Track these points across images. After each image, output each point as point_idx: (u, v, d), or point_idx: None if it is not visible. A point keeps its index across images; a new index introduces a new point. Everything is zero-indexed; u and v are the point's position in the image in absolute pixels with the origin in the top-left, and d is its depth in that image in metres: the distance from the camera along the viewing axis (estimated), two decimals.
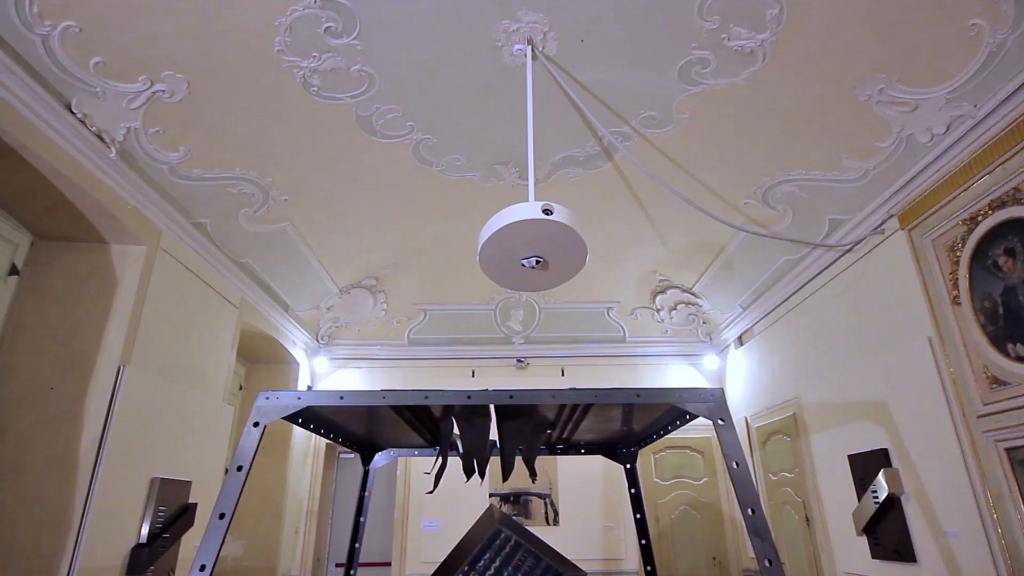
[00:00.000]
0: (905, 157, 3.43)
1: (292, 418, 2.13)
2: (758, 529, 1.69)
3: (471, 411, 2.17)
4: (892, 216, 3.70)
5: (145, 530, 3.65)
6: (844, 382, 4.32)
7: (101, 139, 3.16)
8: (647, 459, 6.53)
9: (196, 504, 4.16)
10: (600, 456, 6.77)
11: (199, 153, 3.60)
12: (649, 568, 3.24)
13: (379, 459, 3.40)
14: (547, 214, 2.50)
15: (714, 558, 6.23)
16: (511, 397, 1.89)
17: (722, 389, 1.79)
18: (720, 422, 1.84)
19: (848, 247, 4.03)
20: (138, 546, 3.59)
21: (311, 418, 2.23)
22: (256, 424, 1.83)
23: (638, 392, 1.89)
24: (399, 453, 3.40)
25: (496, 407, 2.11)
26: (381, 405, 1.92)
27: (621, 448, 3.38)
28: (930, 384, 3.41)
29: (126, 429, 3.53)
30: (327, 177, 4.18)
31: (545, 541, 2.49)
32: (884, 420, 3.83)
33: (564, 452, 3.40)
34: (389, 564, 6.34)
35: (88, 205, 3.31)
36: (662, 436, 2.80)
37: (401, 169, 4.21)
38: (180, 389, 4.12)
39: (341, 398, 1.88)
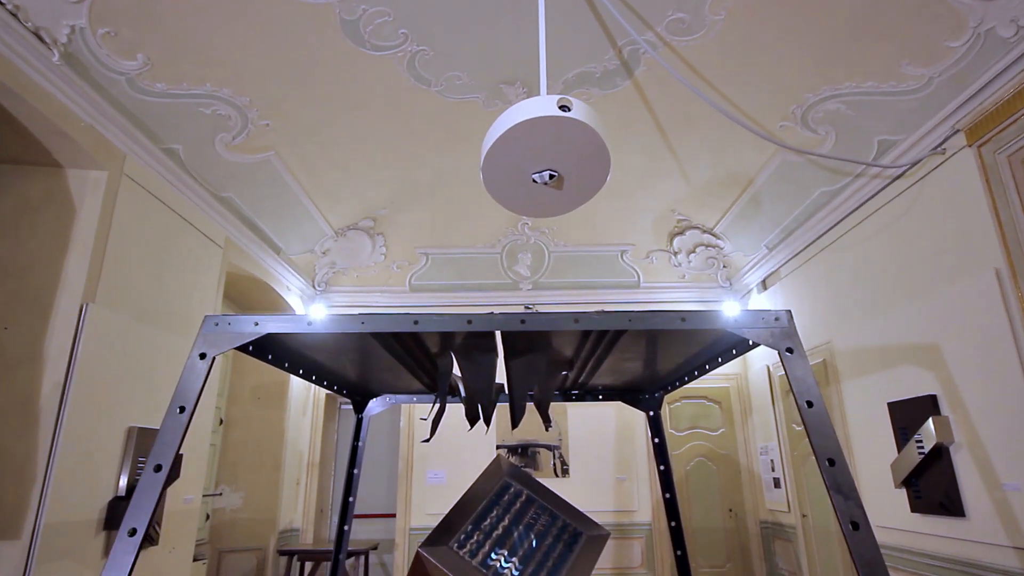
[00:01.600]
0: (980, 58, 2.94)
1: (257, 352, 1.77)
2: (840, 484, 1.34)
3: (473, 344, 1.80)
4: (957, 131, 3.22)
5: (123, 483, 3.37)
6: (886, 324, 3.93)
7: (40, 39, 2.71)
8: (661, 409, 6.23)
9: (182, 455, 3.89)
10: (615, 404, 6.52)
11: (161, 63, 3.15)
12: (674, 524, 2.93)
13: (373, 406, 3.08)
14: (564, 111, 2.07)
15: (730, 510, 6.00)
16: (523, 322, 1.51)
17: (790, 311, 1.37)
18: (788, 352, 1.46)
19: (904, 168, 3.56)
20: (116, 499, 3.32)
21: (281, 353, 1.87)
22: (203, 356, 1.46)
23: (683, 315, 1.50)
24: (395, 399, 3.07)
25: (504, 339, 1.74)
26: (359, 333, 1.55)
27: (644, 393, 3.03)
28: (995, 322, 3.01)
29: (94, 374, 3.20)
30: (312, 99, 3.72)
31: (559, 495, 2.16)
32: (934, 364, 3.45)
33: (580, 398, 3.05)
34: (394, 516, 6.15)
35: (35, 121, 2.88)
36: (695, 378, 2.43)
37: (395, 89, 3.73)
38: (159, 334, 3.78)
39: (309, 324, 1.50)
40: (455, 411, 5.12)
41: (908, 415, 3.63)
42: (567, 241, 6.01)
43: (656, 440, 2.98)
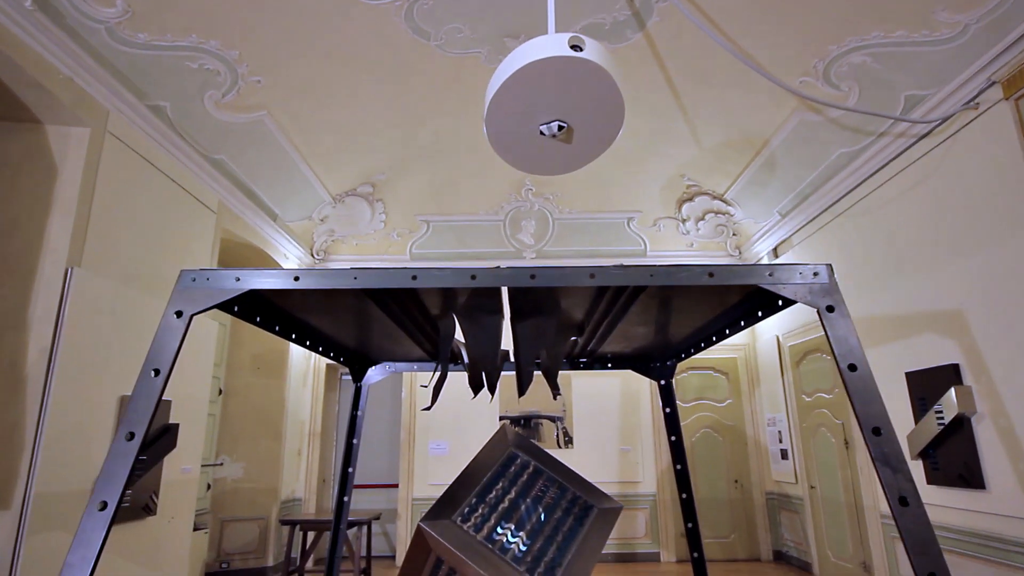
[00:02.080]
0: (1021, 3, 2.72)
1: (244, 312, 1.63)
2: (888, 456, 1.20)
3: (478, 304, 1.66)
4: (993, 84, 3.02)
5: None
6: (906, 291, 3.77)
7: None
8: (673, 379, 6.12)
9: (178, 425, 3.79)
10: (620, 374, 6.44)
11: (142, 11, 2.94)
12: (685, 496, 2.83)
13: (372, 374, 2.96)
14: (576, 51, 1.89)
15: (736, 481, 5.94)
16: (532, 277, 1.37)
17: (830, 265, 1.21)
18: (828, 311, 1.32)
19: (935, 124, 3.36)
20: None
21: (270, 315, 1.73)
22: (179, 314, 1.32)
23: (711, 270, 1.36)
24: (395, 367, 2.94)
25: (511, 299, 1.60)
26: (352, 291, 1.41)
27: (655, 362, 2.90)
28: None
29: (83, 341, 3.08)
30: (304, 52, 3.52)
31: (568, 466, 2.05)
32: (957, 332, 3.31)
33: (588, 367, 2.93)
34: (396, 486, 6.12)
35: (9, 72, 2.70)
36: (712, 344, 2.29)
37: (392, 43, 3.52)
38: (151, 301, 3.65)
39: (296, 280, 1.36)
40: (457, 380, 5.02)
41: (928, 385, 3.51)
42: (572, 208, 5.83)
43: (667, 410, 2.86)
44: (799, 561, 5.44)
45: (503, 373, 5.58)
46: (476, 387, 2.29)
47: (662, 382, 2.90)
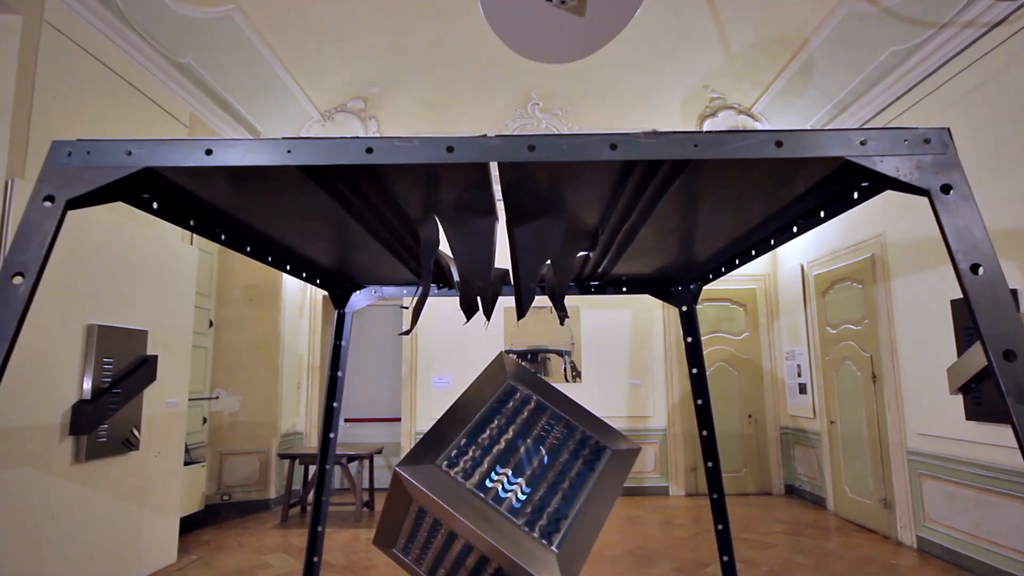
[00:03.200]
0: None
1: (164, 210, 1.28)
2: (1022, 385, 0.87)
3: (464, 200, 1.30)
4: None
5: (87, 385, 3.03)
6: None
7: None
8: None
9: (156, 356, 3.54)
10: (631, 306, 6.12)
11: None
12: (705, 433, 2.55)
13: (357, 300, 2.64)
14: None
15: (750, 416, 5.73)
16: (531, 149, 1.00)
17: (947, 129, 0.80)
18: (944, 192, 0.95)
19: (1018, 4, 2.84)
20: (81, 403, 3.00)
21: (202, 215, 1.37)
22: (49, 199, 0.97)
23: (778, 138, 0.98)
24: (382, 292, 2.62)
25: (505, 191, 1.24)
26: (288, 171, 1.05)
27: (677, 285, 2.56)
28: None
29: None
30: None
31: (577, 401, 1.74)
32: (1017, 252, 2.92)
33: (600, 290, 2.59)
34: (399, 420, 5.97)
35: None
36: (748, 260, 1.93)
37: None
38: (118, 222, 3.31)
39: (209, 152, 1.00)
40: (458, 309, 4.73)
41: None
42: (582, 124, 5.34)
43: (689, 340, 2.54)
44: (812, 496, 5.29)
45: (503, 299, 5.25)
46: (468, 310, 1.96)
47: (683, 308, 2.56)
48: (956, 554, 3.49)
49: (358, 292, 2.59)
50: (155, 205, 1.30)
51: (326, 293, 6.14)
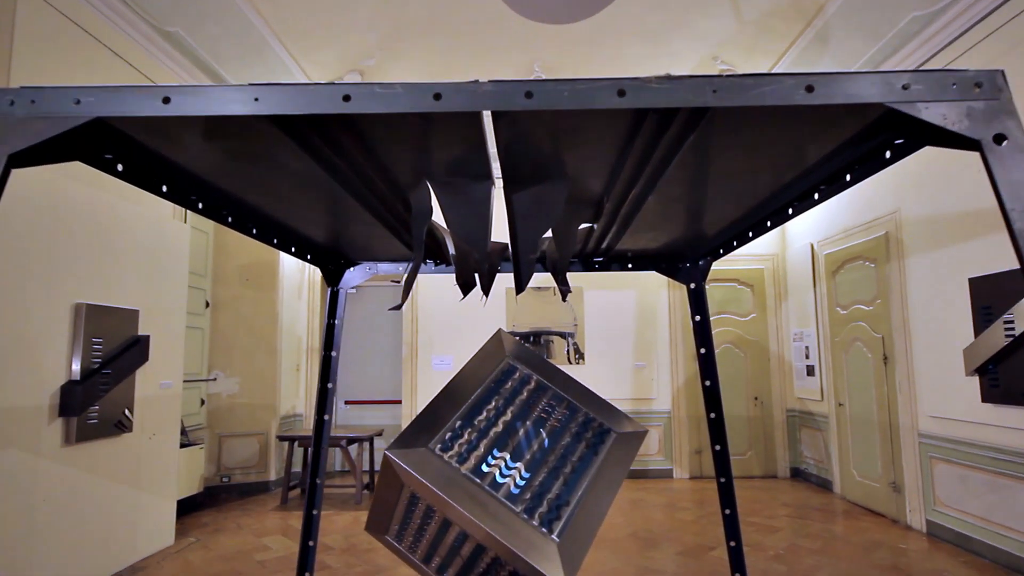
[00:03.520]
0: None
1: (130, 172, 1.17)
2: None
3: (456, 162, 1.19)
4: None
5: (76, 366, 2.95)
6: (978, 185, 3.22)
7: None
8: (686, 293, 5.69)
9: (148, 337, 3.46)
10: (636, 286, 6.00)
11: None
12: (714, 415, 2.46)
13: (351, 277, 2.53)
14: None
15: (756, 398, 5.64)
16: (528, 96, 0.89)
17: (1001, 72, 0.67)
18: (998, 141, 0.84)
19: None
20: (71, 384, 2.92)
21: (174, 178, 1.26)
22: None
23: (810, 82, 0.86)
24: (377, 268, 2.52)
25: (502, 150, 1.13)
26: (256, 124, 0.95)
27: (685, 261, 2.44)
28: None
29: (19, 243, 2.68)
30: None
31: (580, 382, 1.64)
32: None
33: (604, 267, 2.48)
34: (400, 402, 5.90)
35: None
36: (763, 232, 1.82)
37: None
38: (105, 199, 3.21)
39: (167, 101, 0.89)
40: (457, 287, 4.62)
41: (996, 292, 3.04)
42: None
43: (697, 318, 2.43)
44: (818, 479, 5.22)
45: (503, 277, 5.13)
46: (465, 286, 1.86)
47: (692, 286, 2.46)
48: (967, 538, 3.41)
49: (352, 269, 2.49)
50: (120, 167, 1.19)
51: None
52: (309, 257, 2.24)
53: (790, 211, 1.55)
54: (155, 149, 1.14)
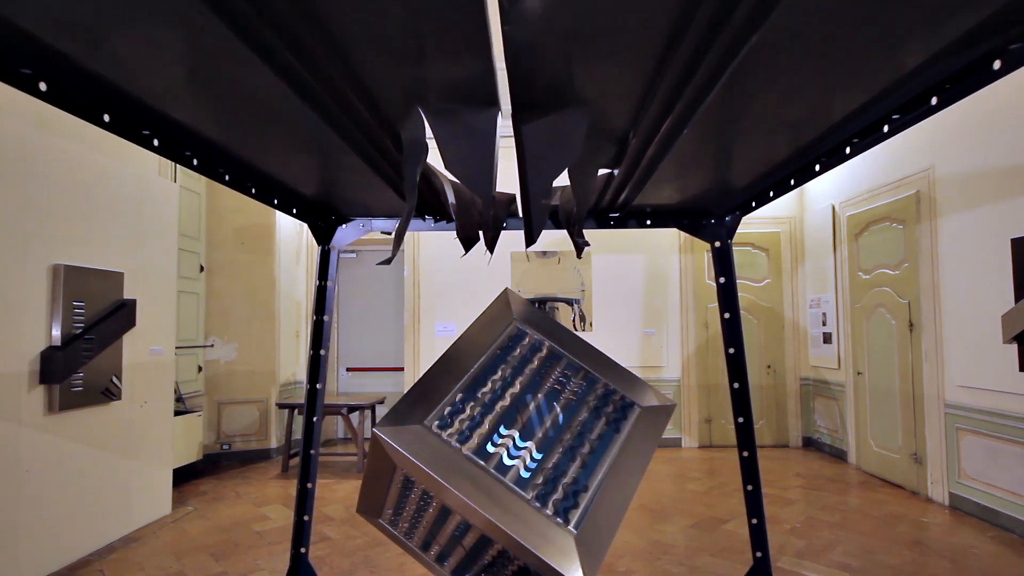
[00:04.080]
0: None
1: (22, 80, 0.96)
2: None
3: (454, 81, 0.97)
4: None
5: (57, 331, 2.78)
6: (1020, 136, 2.96)
7: None
8: (699, 257, 5.48)
9: (135, 301, 3.28)
10: (645, 251, 5.76)
11: None
12: (737, 384, 2.27)
13: (343, 235, 2.33)
14: None
15: (769, 366, 5.47)
16: None
17: None
18: None
19: None
20: (51, 349, 2.75)
21: (105, 102, 1.05)
22: None
23: None
24: (372, 225, 2.31)
25: (511, 66, 0.91)
26: (193, 15, 0.73)
27: (710, 216, 2.22)
28: None
29: None
30: None
31: (598, 349, 1.45)
32: None
33: (620, 224, 2.26)
34: (402, 369, 5.76)
35: None
36: (807, 179, 1.59)
37: None
38: (83, 153, 2.99)
39: None
40: (462, 250, 4.41)
41: None
42: None
43: (722, 280, 2.22)
44: (832, 448, 5.08)
45: (508, 241, 4.89)
46: (467, 240, 1.65)
47: (716, 244, 2.23)
48: (994, 512, 3.26)
49: (344, 226, 2.28)
50: (43, 87, 0.97)
51: None
52: (295, 211, 2.03)
53: (847, 150, 1.33)
54: (83, 63, 0.92)
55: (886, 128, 1.18)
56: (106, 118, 1.10)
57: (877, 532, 3.25)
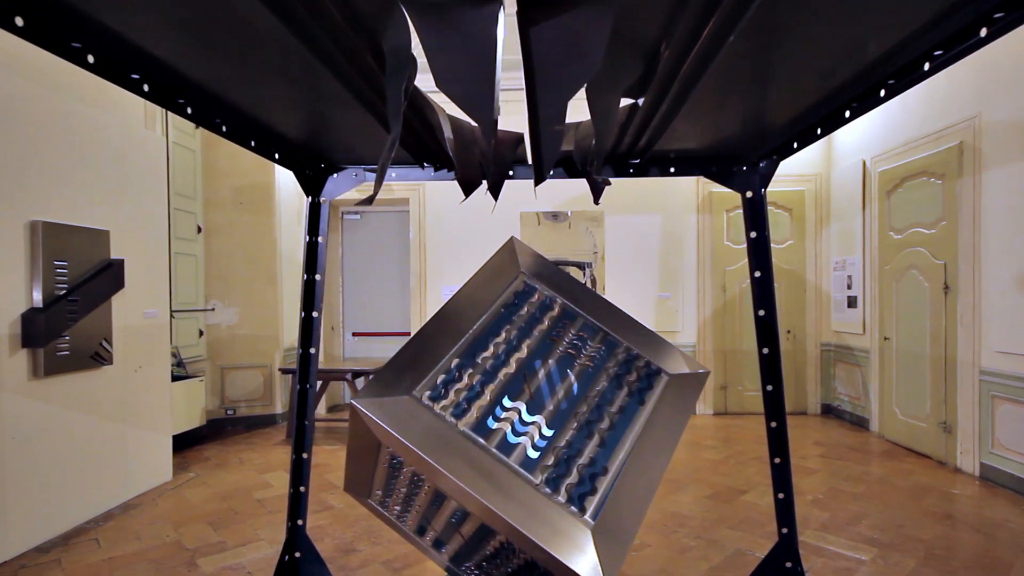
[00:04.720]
0: None
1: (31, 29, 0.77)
2: None
3: None
4: None
5: (38, 293, 2.63)
6: None
7: None
8: (718, 217, 5.22)
9: (123, 260, 3.12)
10: (660, 212, 5.52)
11: None
12: (767, 350, 2.08)
13: (334, 185, 2.12)
14: None
15: (788, 331, 5.26)
16: None
17: None
18: None
19: None
20: (32, 311, 2.60)
21: (75, 31, 0.86)
22: None
23: None
24: (364, 176, 2.10)
25: None
26: None
27: (741, 163, 1.99)
28: None
29: None
30: None
31: (619, 308, 1.25)
32: None
33: (640, 172, 2.03)
34: (408, 334, 5.61)
35: None
36: (842, 124, 1.36)
37: None
38: (62, 102, 2.78)
39: None
40: (468, 206, 4.17)
41: None
42: None
43: (753, 235, 2.00)
44: (852, 416, 4.90)
45: (514, 198, 4.65)
46: (468, 185, 1.45)
47: (748, 194, 2.00)
48: None
49: (335, 176, 2.07)
50: (19, 22, 0.78)
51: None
52: (277, 156, 1.82)
53: (882, 93, 1.09)
54: None
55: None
56: (90, 59, 0.90)
57: (905, 504, 3.09)
